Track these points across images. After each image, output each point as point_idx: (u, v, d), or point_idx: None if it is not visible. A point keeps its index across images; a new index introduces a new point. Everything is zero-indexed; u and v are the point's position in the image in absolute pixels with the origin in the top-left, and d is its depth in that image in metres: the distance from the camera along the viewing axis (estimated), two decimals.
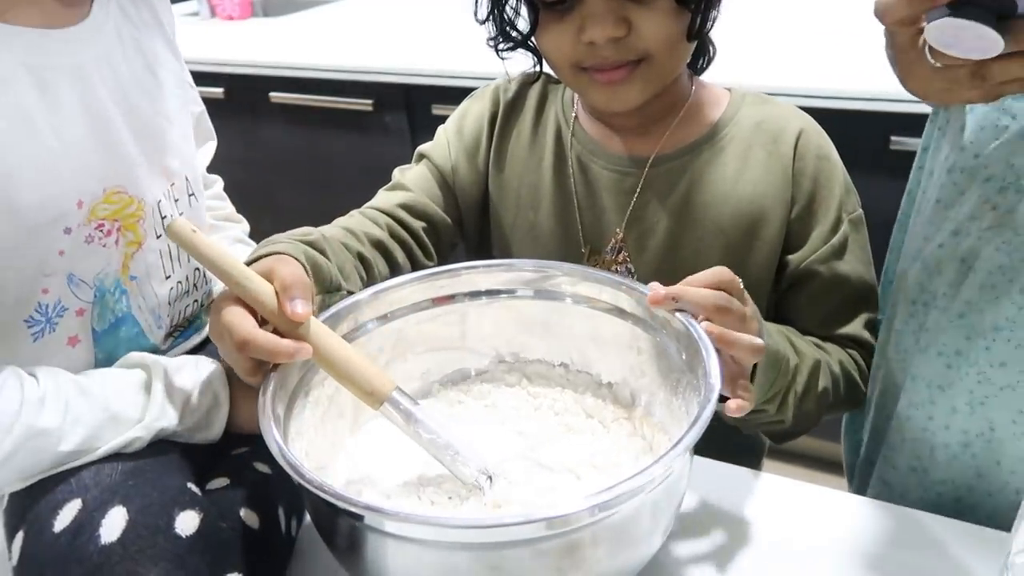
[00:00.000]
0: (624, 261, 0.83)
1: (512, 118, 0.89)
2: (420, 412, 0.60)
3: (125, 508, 0.55)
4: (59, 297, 0.67)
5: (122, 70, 0.69)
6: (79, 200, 0.65)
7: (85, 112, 0.66)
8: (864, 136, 1.32)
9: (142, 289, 0.73)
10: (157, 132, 0.73)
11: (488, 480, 0.59)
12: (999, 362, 0.66)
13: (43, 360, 0.66)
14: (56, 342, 0.68)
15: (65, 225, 0.65)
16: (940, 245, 0.69)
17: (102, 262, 0.69)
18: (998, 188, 0.64)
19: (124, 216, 0.69)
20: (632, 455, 0.64)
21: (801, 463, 1.75)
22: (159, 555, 0.53)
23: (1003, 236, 0.64)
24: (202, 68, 1.87)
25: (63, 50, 0.65)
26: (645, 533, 0.53)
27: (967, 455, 0.70)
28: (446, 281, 0.70)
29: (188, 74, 0.85)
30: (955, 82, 0.52)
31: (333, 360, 0.59)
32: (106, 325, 0.71)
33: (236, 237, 0.90)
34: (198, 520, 0.56)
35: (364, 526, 0.49)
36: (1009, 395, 0.66)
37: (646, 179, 0.81)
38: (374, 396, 0.59)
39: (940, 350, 0.69)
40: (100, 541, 0.53)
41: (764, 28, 1.71)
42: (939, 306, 0.69)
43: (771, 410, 0.70)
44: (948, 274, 0.68)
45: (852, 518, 0.67)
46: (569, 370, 0.72)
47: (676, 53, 0.74)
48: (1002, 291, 0.64)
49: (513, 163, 0.87)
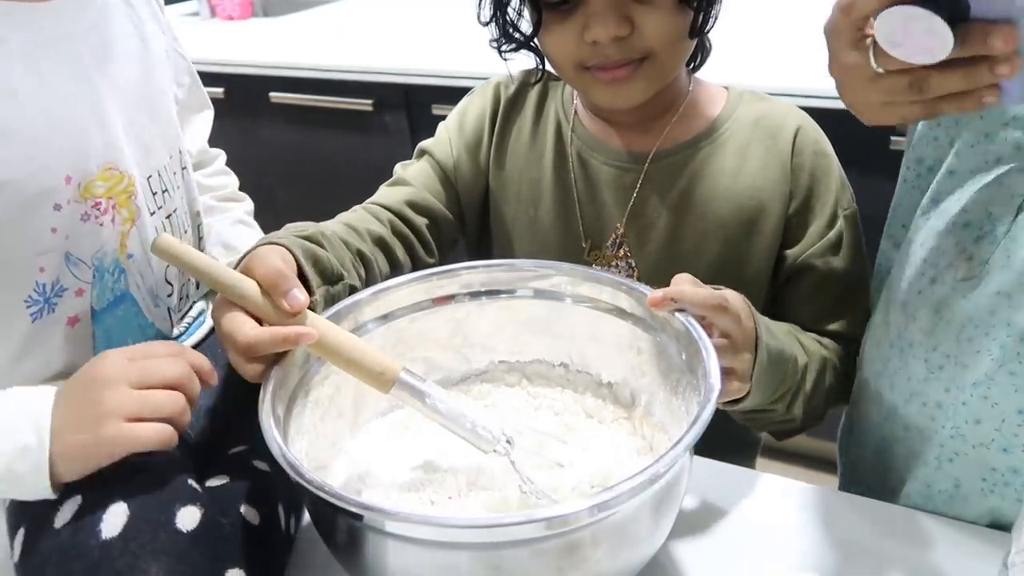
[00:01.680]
0: (625, 256, 0.84)
1: (513, 115, 0.89)
2: (430, 387, 0.60)
3: (126, 504, 0.55)
4: (57, 276, 0.66)
5: (113, 42, 0.68)
6: (67, 176, 0.64)
7: (73, 86, 0.65)
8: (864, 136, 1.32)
9: (139, 267, 0.73)
10: (148, 105, 0.72)
11: (508, 444, 0.59)
12: (975, 419, 0.63)
13: (42, 340, 0.65)
14: (56, 322, 0.67)
15: (54, 201, 0.64)
16: (919, 292, 0.66)
17: (100, 241, 0.68)
18: (975, 237, 0.62)
19: (117, 193, 0.69)
20: (632, 455, 0.64)
21: (801, 463, 1.75)
22: (160, 550, 0.53)
23: (980, 289, 0.61)
24: (202, 68, 1.85)
25: (51, 23, 0.64)
26: (645, 533, 0.53)
27: (927, 507, 0.69)
28: (446, 281, 0.70)
29: (179, 44, 0.84)
30: (893, 93, 0.51)
31: (339, 347, 0.59)
32: (105, 304, 0.70)
33: (238, 218, 0.89)
34: (199, 515, 0.56)
35: (364, 526, 0.49)
36: (982, 454, 0.64)
37: (646, 174, 0.81)
38: (384, 377, 0.59)
39: (924, 401, 0.67)
40: (101, 536, 0.53)
41: (764, 28, 1.72)
42: (916, 355, 0.66)
43: (780, 409, 0.71)
44: (922, 322, 0.66)
45: (852, 518, 0.67)
46: (569, 370, 0.72)
47: (678, 51, 0.75)
48: (981, 346, 0.61)
49: (514, 159, 0.88)
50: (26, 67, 0.62)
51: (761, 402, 0.67)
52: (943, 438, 0.66)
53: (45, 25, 0.63)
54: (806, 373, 0.71)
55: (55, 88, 0.64)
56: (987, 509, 0.66)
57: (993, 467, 0.64)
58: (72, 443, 0.55)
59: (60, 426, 0.55)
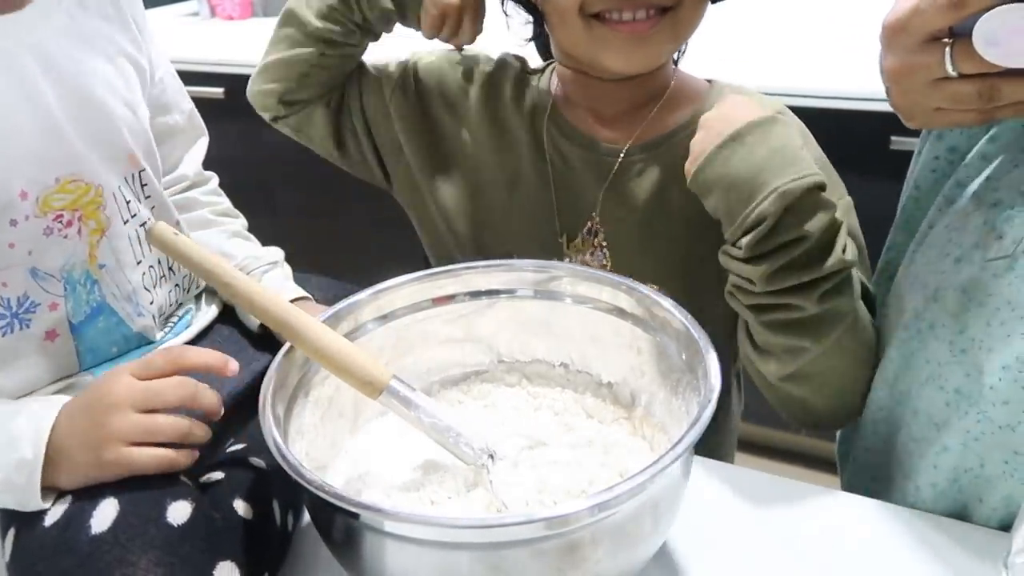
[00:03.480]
0: (600, 245, 0.83)
1: (491, 97, 0.87)
2: (419, 398, 0.60)
3: (116, 500, 0.55)
4: (24, 291, 0.66)
5: (68, 58, 0.68)
6: (22, 191, 0.64)
7: (23, 100, 0.64)
8: (864, 136, 1.32)
9: (114, 277, 0.72)
10: (113, 121, 0.71)
11: (491, 459, 0.60)
12: (1002, 400, 0.62)
13: (20, 355, 0.66)
14: (31, 338, 0.67)
15: (10, 217, 0.64)
16: (943, 272, 0.65)
17: (66, 253, 0.68)
18: (1005, 216, 0.60)
19: (83, 204, 0.68)
20: (632, 455, 0.64)
21: (801, 463, 1.75)
22: (150, 543, 0.52)
23: (1017, 271, 0.59)
24: (202, 68, 1.87)
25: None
26: (645, 533, 0.53)
27: (954, 489, 0.67)
28: (446, 281, 0.70)
29: (168, 67, 0.84)
30: (956, 100, 0.50)
31: (330, 354, 0.59)
32: (82, 317, 0.70)
33: (234, 231, 0.90)
34: (190, 509, 0.56)
35: (364, 526, 0.49)
36: (1007, 435, 0.62)
37: (622, 165, 0.80)
38: (372, 386, 0.59)
39: (942, 385, 0.65)
40: (91, 532, 0.53)
41: (764, 28, 1.72)
42: (939, 337, 0.65)
43: (760, 272, 0.63)
44: (948, 303, 0.64)
45: (852, 518, 0.67)
46: (569, 370, 0.72)
47: (700, 7, 0.72)
48: (1012, 328, 0.59)
49: (490, 143, 0.86)
50: None
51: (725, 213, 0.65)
52: (968, 423, 0.64)
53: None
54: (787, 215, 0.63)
55: (4, 102, 0.63)
56: (1003, 496, 0.65)
57: (1016, 450, 0.63)
58: (77, 461, 0.57)
59: (66, 444, 0.57)
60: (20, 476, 0.56)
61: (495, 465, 0.60)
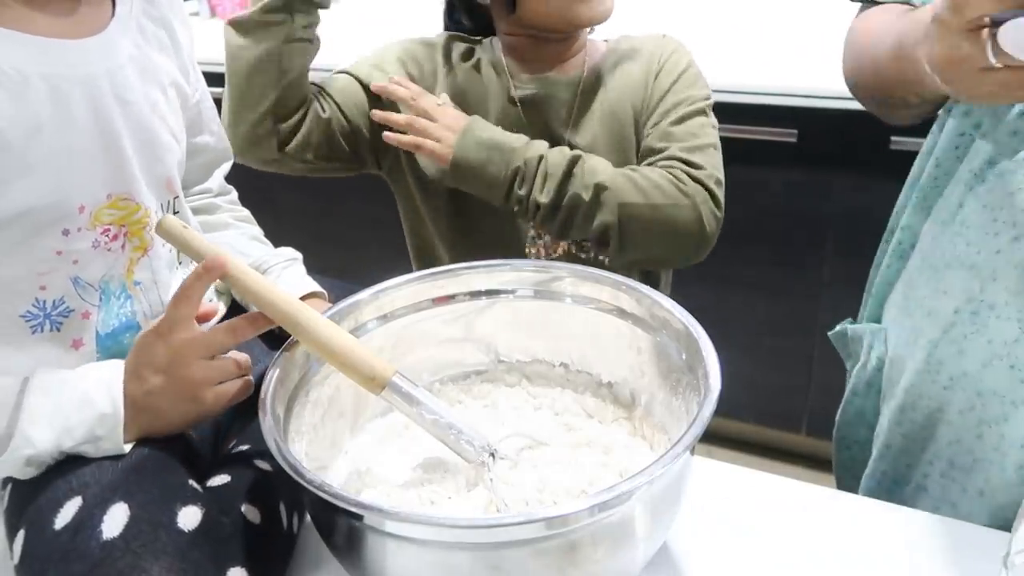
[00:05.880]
0: None
1: (449, 69, 1.02)
2: (421, 394, 0.61)
3: (126, 504, 0.55)
4: (63, 295, 0.67)
5: (132, 86, 0.71)
6: (80, 205, 0.66)
7: (96, 121, 0.67)
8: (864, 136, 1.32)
9: (147, 295, 0.74)
10: (160, 149, 0.74)
11: (491, 457, 0.60)
12: None
13: (43, 359, 0.66)
14: (60, 342, 0.68)
15: (64, 227, 0.66)
16: (997, 251, 0.64)
17: (107, 266, 0.70)
18: None
19: (131, 222, 0.71)
20: (632, 455, 0.64)
21: (801, 463, 1.76)
22: (161, 550, 0.53)
23: None
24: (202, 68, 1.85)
25: (78, 61, 0.66)
26: (645, 533, 0.53)
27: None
28: (446, 281, 0.70)
29: (205, 90, 0.88)
30: (1009, 87, 0.50)
31: (333, 349, 0.60)
32: (109, 329, 0.71)
33: (253, 235, 0.92)
34: (200, 515, 0.56)
35: (364, 526, 0.49)
36: None
37: (581, 93, 0.99)
38: (376, 381, 0.59)
39: (1012, 363, 0.64)
40: (102, 537, 0.53)
41: (764, 28, 1.72)
42: (1001, 316, 0.65)
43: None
44: (1007, 281, 0.64)
45: (852, 518, 0.67)
46: (569, 370, 0.72)
47: None
48: None
49: (463, 107, 0.98)
50: (53, 104, 0.63)
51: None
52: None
53: (74, 62, 0.65)
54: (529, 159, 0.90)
55: (79, 124, 0.65)
56: None
57: None
58: (177, 412, 0.63)
59: (146, 400, 0.62)
60: (103, 428, 0.60)
61: (495, 463, 0.60)
